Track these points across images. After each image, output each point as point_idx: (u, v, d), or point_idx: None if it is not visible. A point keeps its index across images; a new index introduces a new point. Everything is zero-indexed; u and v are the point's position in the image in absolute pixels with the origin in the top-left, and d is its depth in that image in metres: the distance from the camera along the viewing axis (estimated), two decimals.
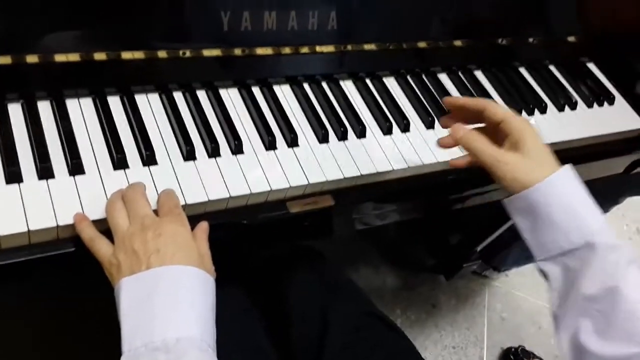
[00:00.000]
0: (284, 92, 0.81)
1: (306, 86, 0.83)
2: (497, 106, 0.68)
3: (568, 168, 0.64)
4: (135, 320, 0.50)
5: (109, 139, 0.66)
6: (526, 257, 1.57)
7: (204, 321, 0.52)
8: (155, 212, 0.59)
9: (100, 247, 0.56)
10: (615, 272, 0.58)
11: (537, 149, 0.63)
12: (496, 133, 0.67)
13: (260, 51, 0.78)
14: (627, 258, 0.59)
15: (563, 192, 0.62)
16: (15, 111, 0.65)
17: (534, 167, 0.63)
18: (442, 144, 0.72)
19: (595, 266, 0.59)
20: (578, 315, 0.59)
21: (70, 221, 0.58)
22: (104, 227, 0.58)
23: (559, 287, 0.62)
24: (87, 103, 0.69)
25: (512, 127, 0.65)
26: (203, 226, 0.61)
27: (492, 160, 0.65)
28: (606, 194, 1.32)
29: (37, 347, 1.23)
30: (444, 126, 0.75)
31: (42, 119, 0.65)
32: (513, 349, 1.54)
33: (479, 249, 1.56)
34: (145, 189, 0.61)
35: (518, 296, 1.71)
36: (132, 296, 0.52)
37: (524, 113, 0.95)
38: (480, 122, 0.70)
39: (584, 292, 0.59)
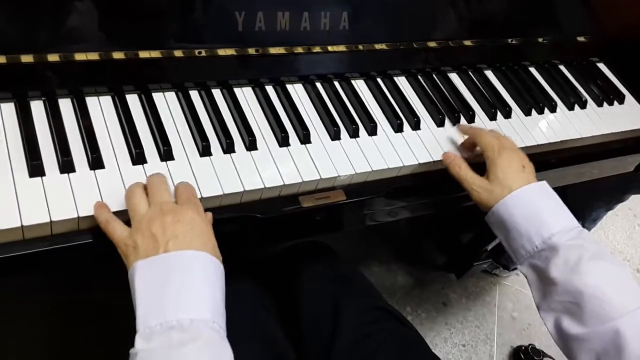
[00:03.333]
0: (297, 91, 0.83)
1: (319, 85, 0.84)
2: (482, 136, 0.78)
3: (535, 185, 0.73)
4: (150, 301, 0.52)
5: (128, 135, 0.68)
6: None
7: (216, 305, 0.55)
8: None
9: (116, 228, 0.58)
10: (577, 266, 0.65)
11: (503, 175, 0.73)
12: None
13: (273, 51, 0.80)
14: (590, 253, 0.66)
15: (525, 204, 0.71)
16: (37, 108, 0.67)
17: (496, 191, 0.73)
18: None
19: (557, 262, 0.66)
20: (556, 306, 0.66)
21: (90, 212, 0.60)
22: (123, 219, 0.60)
23: (535, 286, 0.71)
24: (107, 100, 0.71)
25: (486, 156, 0.76)
26: (208, 217, 0.64)
27: (467, 186, 0.76)
28: (611, 191, 1.32)
29: (50, 336, 1.25)
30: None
31: (63, 116, 0.68)
32: (523, 348, 1.54)
33: (489, 247, 1.57)
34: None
35: (528, 295, 1.71)
36: (147, 278, 0.54)
37: (533, 112, 0.96)
38: None
39: (554, 286, 0.66)
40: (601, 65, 1.12)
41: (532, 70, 1.04)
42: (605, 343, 0.60)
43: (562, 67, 1.07)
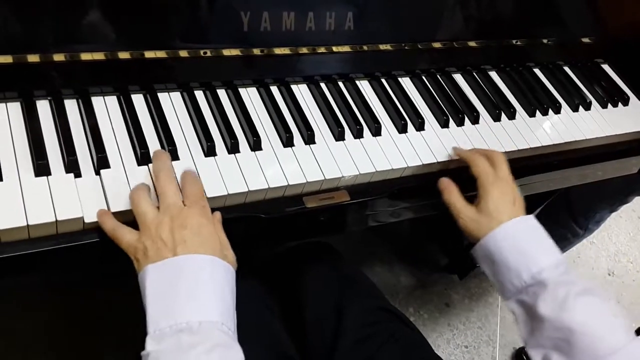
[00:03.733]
0: (301, 91, 0.83)
1: (323, 85, 0.84)
2: (478, 164, 0.76)
3: (523, 218, 0.72)
4: (160, 304, 0.53)
5: (133, 135, 0.68)
6: None
7: (226, 307, 0.55)
8: None
9: (124, 234, 0.58)
10: (565, 303, 0.64)
11: (494, 206, 0.72)
12: None
13: (278, 51, 0.80)
14: (577, 290, 0.65)
15: (514, 238, 0.70)
16: (43, 108, 0.68)
17: (484, 223, 0.72)
18: None
19: (546, 299, 0.65)
20: (545, 343, 0.65)
21: (95, 212, 0.60)
22: (128, 218, 0.60)
23: (522, 322, 0.69)
24: (112, 100, 0.72)
25: (479, 184, 0.74)
26: (217, 216, 0.64)
27: (455, 213, 0.75)
28: (615, 193, 1.32)
29: (55, 335, 1.26)
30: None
31: (69, 116, 0.68)
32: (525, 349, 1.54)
33: None
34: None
35: None
36: (157, 281, 0.54)
37: (537, 113, 0.96)
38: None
39: (543, 323, 0.65)
40: (606, 67, 1.12)
41: (537, 71, 1.04)
42: None
43: (566, 69, 1.07)
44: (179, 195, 0.61)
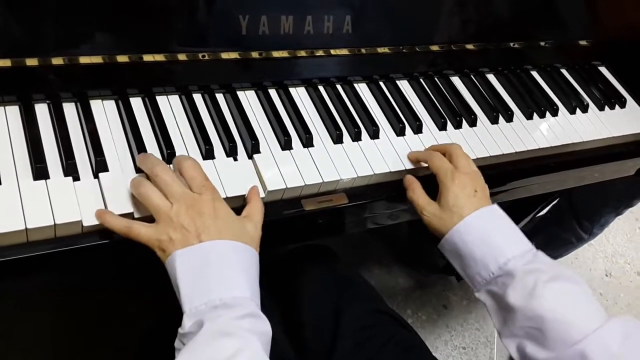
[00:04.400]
0: (299, 94, 0.83)
1: (321, 88, 0.85)
2: (434, 160, 0.76)
3: (486, 209, 0.71)
4: (193, 285, 0.56)
5: (132, 139, 0.68)
6: None
7: (254, 286, 0.59)
8: None
9: (141, 229, 0.59)
10: (534, 291, 0.63)
11: (453, 201, 0.71)
12: None
13: (277, 54, 0.80)
14: (547, 276, 0.65)
15: (478, 230, 0.70)
16: (42, 111, 0.68)
17: (446, 218, 0.71)
18: None
19: (515, 288, 0.65)
20: (518, 332, 0.65)
21: (93, 215, 0.60)
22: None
23: (494, 313, 0.69)
24: (111, 104, 0.72)
25: (438, 180, 0.74)
26: (256, 189, 0.68)
27: (419, 210, 0.75)
28: (620, 197, 1.32)
29: (54, 337, 1.26)
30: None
31: (67, 119, 0.68)
32: None
33: None
34: None
35: None
36: (187, 265, 0.57)
37: (535, 116, 0.96)
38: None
39: (514, 313, 0.65)
40: (603, 69, 1.12)
41: (534, 74, 1.04)
42: None
43: (564, 71, 1.07)
44: (183, 183, 0.62)
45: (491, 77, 1.00)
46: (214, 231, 0.58)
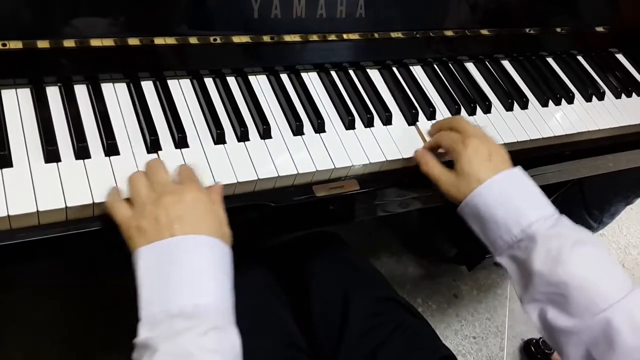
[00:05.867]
0: (311, 79, 0.82)
1: (333, 73, 0.84)
2: (442, 140, 0.75)
3: (507, 173, 0.70)
4: (153, 288, 0.52)
5: (143, 122, 0.68)
6: None
7: (221, 290, 0.54)
8: None
9: (120, 209, 0.58)
10: (559, 255, 0.62)
11: (468, 166, 0.70)
12: None
13: (288, 38, 0.79)
14: (571, 241, 0.63)
15: (500, 193, 0.68)
16: (53, 94, 0.68)
17: (463, 185, 0.70)
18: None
19: (539, 252, 0.64)
20: (541, 297, 0.64)
21: (104, 198, 0.60)
22: None
23: (516, 278, 0.68)
24: (122, 87, 0.71)
25: (452, 153, 0.73)
26: (217, 188, 0.63)
27: (435, 179, 0.74)
28: (631, 186, 1.31)
29: (62, 322, 1.27)
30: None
31: (78, 102, 0.68)
32: (534, 340, 1.54)
33: None
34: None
35: None
36: (150, 265, 0.53)
37: (550, 103, 0.94)
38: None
39: (538, 278, 0.63)
40: (620, 57, 1.10)
41: (550, 60, 1.03)
42: (595, 335, 0.58)
43: (580, 58, 1.06)
44: (170, 175, 0.61)
45: (506, 64, 0.98)
46: (189, 222, 0.55)
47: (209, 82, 0.76)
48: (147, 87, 0.72)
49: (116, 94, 0.70)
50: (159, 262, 0.53)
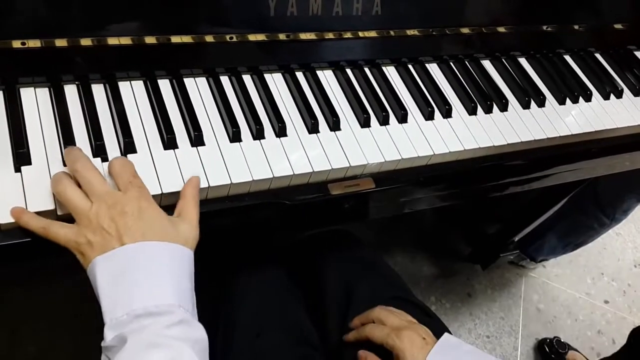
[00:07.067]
0: (327, 77, 0.82)
1: (349, 71, 0.83)
2: (374, 332, 0.76)
3: (441, 345, 0.73)
4: (115, 293, 0.51)
5: (160, 120, 0.68)
6: (563, 246, 1.56)
7: (182, 291, 0.54)
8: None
9: (59, 231, 0.55)
10: None
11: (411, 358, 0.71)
12: None
13: (304, 36, 0.79)
14: None
15: None
16: (71, 92, 0.68)
17: None
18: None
19: None
20: None
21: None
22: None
23: None
24: (139, 85, 0.71)
25: (388, 347, 0.74)
26: (193, 182, 0.62)
27: None
28: (634, 187, 1.30)
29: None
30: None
31: (96, 100, 0.68)
32: (548, 340, 1.53)
33: (516, 238, 1.55)
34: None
35: (555, 287, 1.69)
36: (108, 272, 0.52)
37: (568, 101, 0.93)
38: None
39: None
40: (638, 54, 1.09)
41: (567, 58, 1.02)
42: None
43: (598, 55, 1.04)
44: (106, 182, 0.57)
45: (523, 61, 0.97)
46: (137, 232, 0.53)
47: (225, 80, 0.76)
48: (164, 85, 0.72)
49: (133, 93, 0.71)
50: (117, 268, 0.52)
